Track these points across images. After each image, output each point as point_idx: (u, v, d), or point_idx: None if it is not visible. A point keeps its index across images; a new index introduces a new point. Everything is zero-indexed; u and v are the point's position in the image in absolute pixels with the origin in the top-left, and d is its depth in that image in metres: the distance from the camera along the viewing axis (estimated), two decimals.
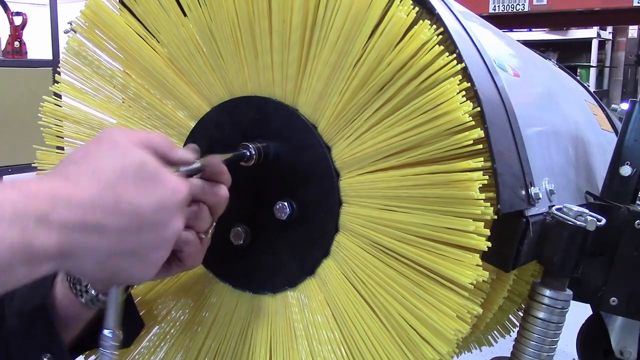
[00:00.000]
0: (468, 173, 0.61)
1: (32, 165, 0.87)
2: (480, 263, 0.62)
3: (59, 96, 0.86)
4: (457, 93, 0.61)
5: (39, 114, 0.86)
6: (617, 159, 0.98)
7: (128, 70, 0.82)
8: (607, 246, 0.86)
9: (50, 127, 0.86)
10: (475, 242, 0.61)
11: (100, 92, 0.85)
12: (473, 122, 0.61)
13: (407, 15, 0.62)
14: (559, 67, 1.44)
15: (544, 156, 0.82)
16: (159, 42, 0.79)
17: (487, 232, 0.62)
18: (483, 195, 0.61)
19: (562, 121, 0.98)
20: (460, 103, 0.61)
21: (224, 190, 0.65)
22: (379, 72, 0.65)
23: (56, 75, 0.85)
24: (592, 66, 5.10)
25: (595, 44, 5.41)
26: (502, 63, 0.82)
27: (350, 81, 0.67)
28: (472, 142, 0.61)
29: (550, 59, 1.41)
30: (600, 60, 5.38)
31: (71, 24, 0.84)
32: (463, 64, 0.64)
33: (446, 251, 0.63)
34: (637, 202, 0.97)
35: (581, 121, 1.08)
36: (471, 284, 0.61)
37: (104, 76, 0.84)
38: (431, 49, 0.62)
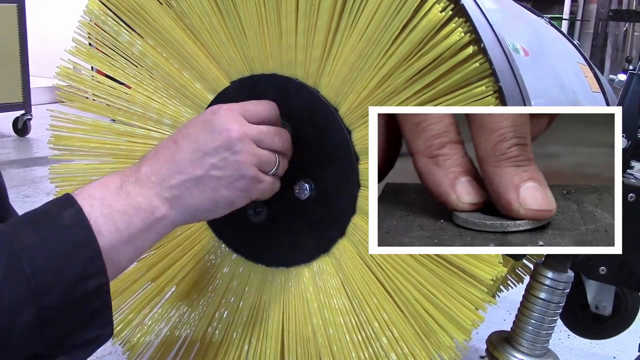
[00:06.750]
0: None
1: None
2: (502, 261, 0.64)
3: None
4: (490, 95, 0.62)
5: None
6: None
7: (148, 38, 0.81)
8: None
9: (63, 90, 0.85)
10: None
11: (116, 58, 0.83)
12: None
13: (444, 12, 0.62)
14: (552, 25, 1.44)
15: None
16: (180, 12, 0.78)
17: None
18: None
19: (564, 96, 0.99)
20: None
21: (285, 135, 0.72)
22: (409, 65, 0.65)
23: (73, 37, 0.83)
24: (565, 19, 5.03)
25: None
26: (515, 43, 0.82)
27: (378, 70, 0.67)
28: None
29: (542, 17, 1.41)
30: (573, 13, 5.29)
31: None
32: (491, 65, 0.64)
33: None
34: (627, 171, 0.99)
35: (578, 90, 1.09)
36: (491, 280, 0.63)
37: (123, 42, 0.83)
38: (463, 48, 0.62)
